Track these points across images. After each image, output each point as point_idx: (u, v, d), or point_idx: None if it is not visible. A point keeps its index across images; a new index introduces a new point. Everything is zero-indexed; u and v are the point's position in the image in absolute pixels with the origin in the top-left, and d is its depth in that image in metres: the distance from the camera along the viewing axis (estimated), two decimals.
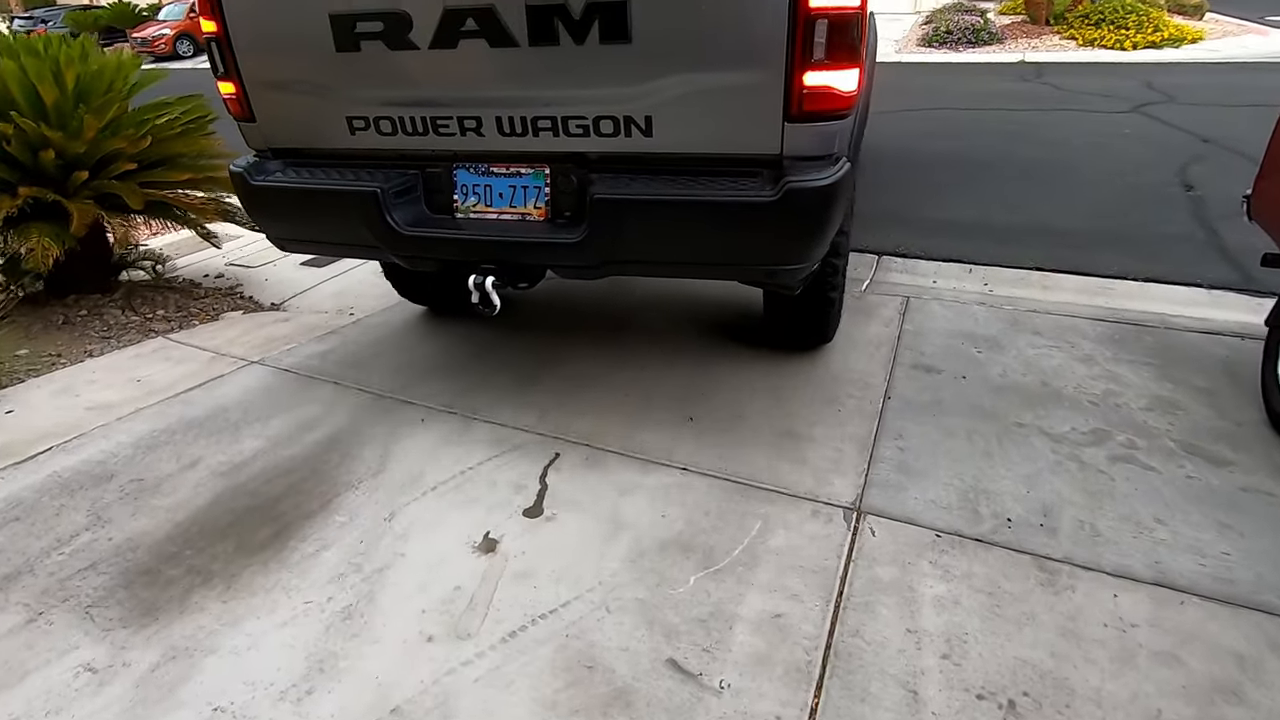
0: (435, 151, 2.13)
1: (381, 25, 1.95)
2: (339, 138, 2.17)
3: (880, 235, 4.66)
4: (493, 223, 2.14)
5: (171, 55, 21.79)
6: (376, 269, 4.45)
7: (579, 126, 1.95)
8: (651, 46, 1.80)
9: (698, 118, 1.88)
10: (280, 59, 2.16)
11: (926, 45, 14.14)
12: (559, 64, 1.89)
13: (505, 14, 1.84)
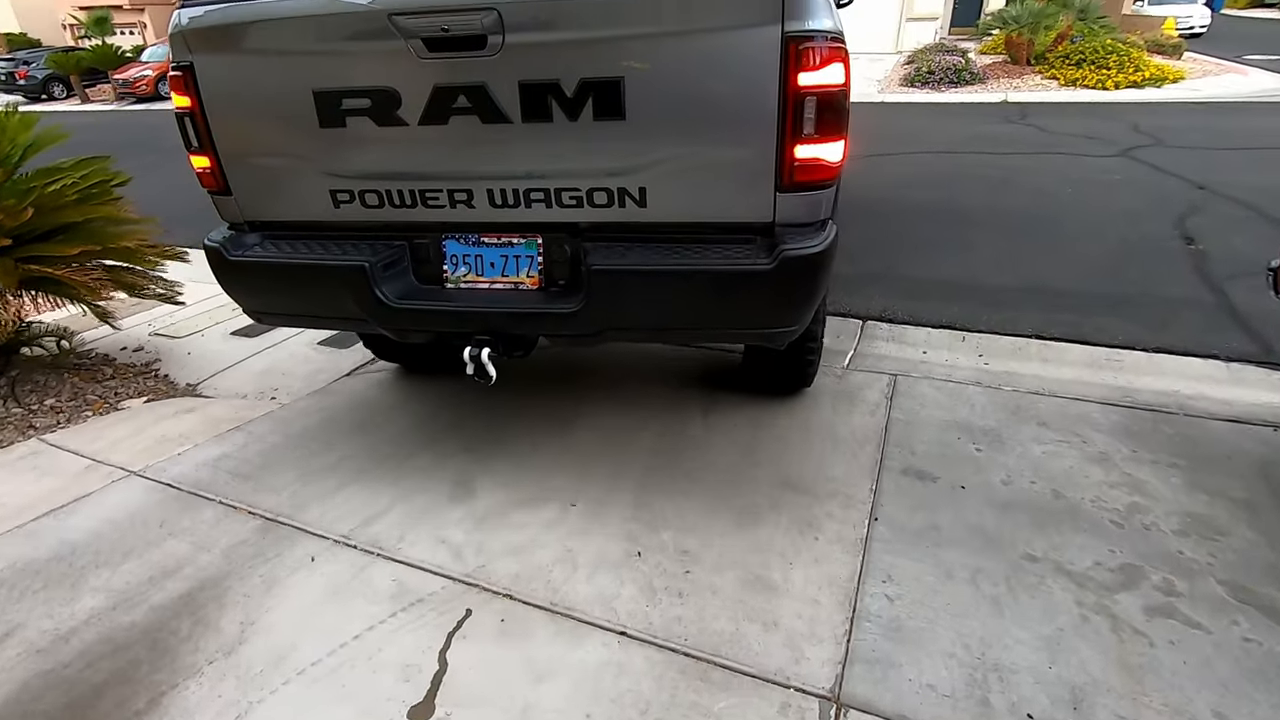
0: (423, 223, 2.10)
1: (368, 102, 1.93)
2: (322, 211, 2.13)
3: (864, 298, 4.29)
4: (485, 292, 2.12)
5: (153, 96, 21.61)
6: (312, 340, 4.07)
7: (572, 198, 1.96)
8: (646, 123, 1.82)
9: (692, 189, 1.90)
10: (260, 135, 2.11)
11: (909, 85, 14.08)
12: (553, 139, 1.89)
13: (497, 91, 1.84)
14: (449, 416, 3.09)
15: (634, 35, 1.76)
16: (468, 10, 1.74)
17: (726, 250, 1.90)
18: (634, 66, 1.76)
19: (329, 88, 1.94)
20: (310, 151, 2.06)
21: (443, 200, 2.03)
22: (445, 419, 3.08)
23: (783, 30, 1.68)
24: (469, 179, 1.99)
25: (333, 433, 3.00)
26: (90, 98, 23.67)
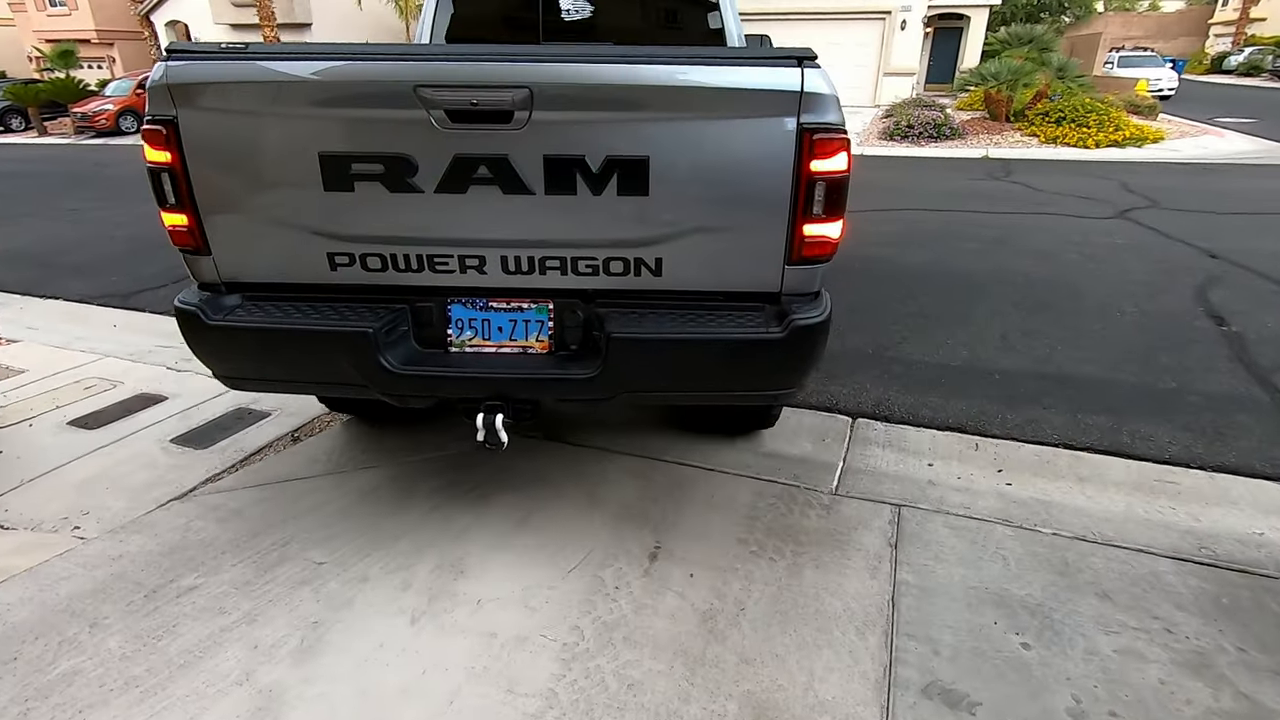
0: (429, 287, 2.04)
1: (381, 168, 1.88)
2: (315, 274, 2.02)
3: (853, 386, 3.57)
4: (492, 357, 2.10)
5: (114, 131, 20.88)
6: (165, 435, 3.23)
7: (588, 266, 1.98)
8: (669, 199, 1.88)
9: (706, 260, 1.97)
10: (252, 196, 1.96)
11: (888, 139, 13.80)
12: (574, 212, 1.90)
13: (521, 164, 1.85)
14: (290, 575, 2.27)
15: (661, 119, 1.82)
16: (500, 87, 1.77)
17: (738, 318, 1.98)
18: (660, 148, 1.83)
19: (337, 151, 1.87)
20: (310, 214, 1.96)
21: (452, 265, 1.99)
22: (286, 576, 2.25)
23: (799, 122, 1.79)
24: (483, 246, 1.97)
25: (100, 609, 2.12)
26: (49, 131, 22.84)
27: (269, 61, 1.84)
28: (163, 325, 4.76)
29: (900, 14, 17.27)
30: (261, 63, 1.84)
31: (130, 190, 10.53)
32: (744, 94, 1.79)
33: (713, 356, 1.98)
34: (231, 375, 2.22)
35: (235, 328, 2.00)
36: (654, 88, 1.79)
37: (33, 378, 3.80)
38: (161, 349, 4.25)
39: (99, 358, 4.08)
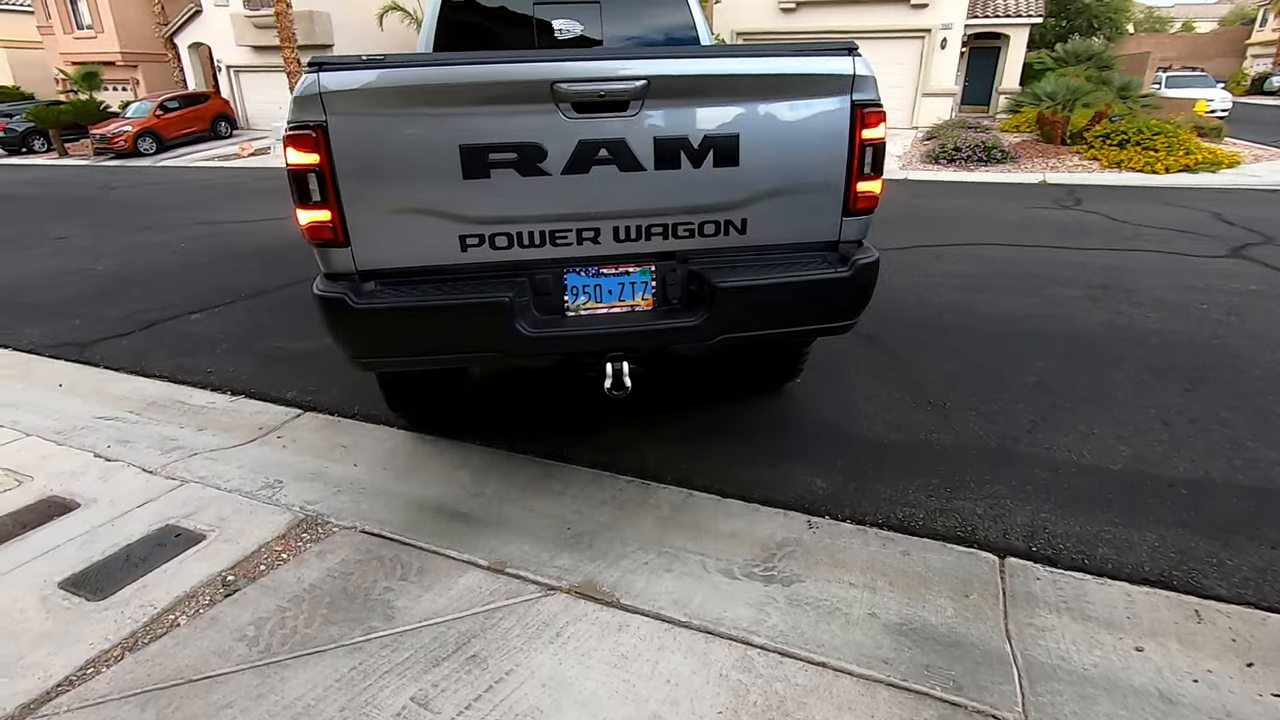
0: (548, 260, 2.27)
1: (515, 155, 2.09)
2: (447, 256, 2.22)
3: (989, 501, 2.64)
4: (604, 317, 2.36)
5: (132, 152, 20.62)
6: (56, 575, 2.35)
7: (686, 230, 2.30)
8: (754, 168, 2.23)
9: (781, 217, 2.34)
10: (395, 188, 2.14)
11: (932, 162, 12.90)
12: (678, 183, 2.21)
13: (635, 145, 2.14)
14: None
15: (749, 101, 2.18)
16: (624, 79, 2.07)
17: (810, 263, 2.38)
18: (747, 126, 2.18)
19: (477, 143, 2.08)
20: (448, 202, 2.15)
21: (570, 239, 2.25)
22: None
23: (851, 99, 2.21)
24: (599, 219, 2.24)
25: None
26: (69, 152, 22.68)
27: (410, 68, 2.06)
28: (113, 386, 3.96)
29: (940, 33, 16.47)
30: (405, 69, 2.04)
31: (129, 216, 9.92)
32: (813, 78, 2.18)
33: (796, 296, 2.34)
34: (367, 355, 2.40)
35: (382, 309, 2.17)
36: (745, 75, 2.17)
37: None
38: (100, 422, 3.43)
39: (17, 437, 3.27)
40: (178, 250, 7.51)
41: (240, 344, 4.57)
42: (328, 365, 4.15)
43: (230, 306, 5.38)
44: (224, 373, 4.11)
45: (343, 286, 2.20)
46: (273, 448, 3.21)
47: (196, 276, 6.34)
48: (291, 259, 6.83)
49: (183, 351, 4.47)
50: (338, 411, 3.57)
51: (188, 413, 3.62)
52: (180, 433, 3.36)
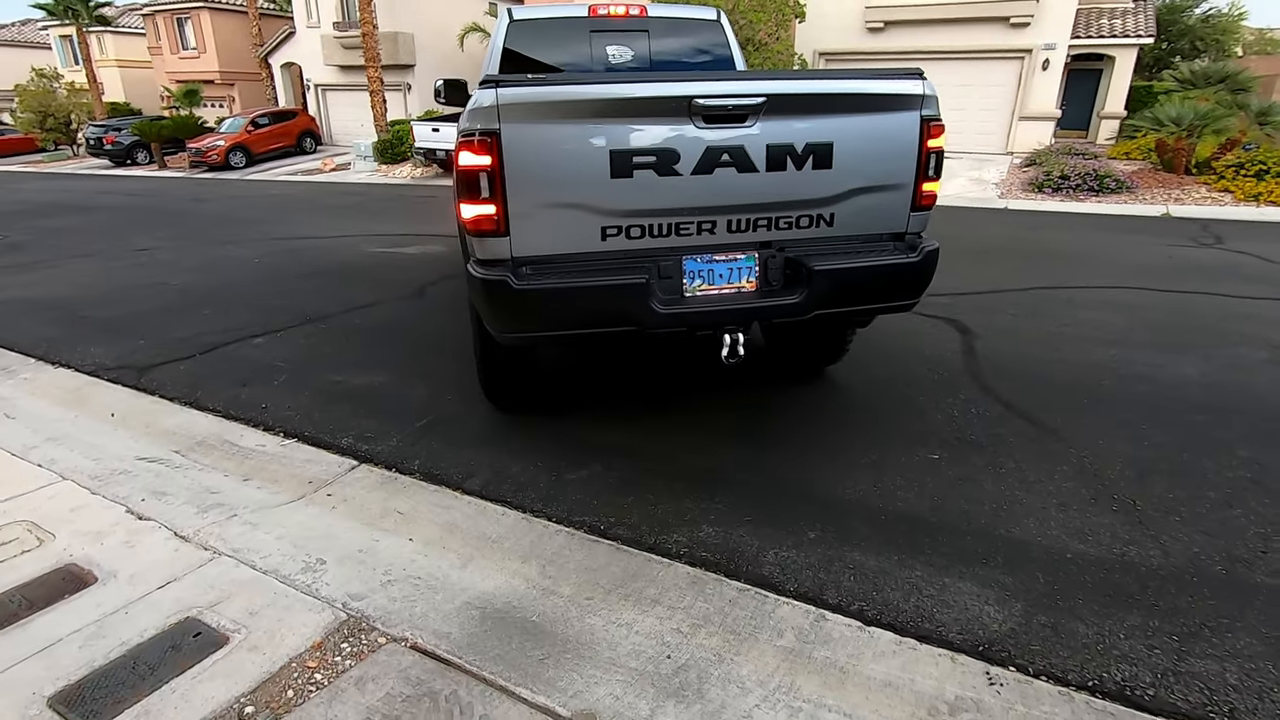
0: (671, 248, 2.67)
1: (655, 158, 2.49)
2: (589, 245, 2.57)
3: (1236, 655, 1.95)
4: (716, 297, 2.75)
5: (224, 166, 21.52)
6: (44, 685, 2.00)
7: (785, 222, 2.72)
8: (844, 171, 2.67)
9: (863, 212, 2.78)
10: (552, 186, 2.48)
11: (1036, 190, 11.90)
12: (784, 183, 2.64)
13: (751, 151, 2.56)
14: None
15: (842, 115, 2.66)
16: (748, 96, 2.50)
17: (885, 250, 2.83)
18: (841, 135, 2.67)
19: (624, 148, 2.47)
20: (596, 198, 2.51)
21: (691, 230, 2.65)
22: None
23: (920, 115, 2.70)
24: (716, 213, 2.64)
25: None
26: (167, 165, 23.87)
27: (573, 86, 2.50)
28: (164, 420, 3.66)
29: (1042, 53, 15.40)
30: (568, 87, 2.48)
31: (212, 229, 10.03)
32: (891, 97, 2.68)
33: (876, 277, 2.81)
34: (519, 330, 2.68)
35: (541, 289, 2.51)
36: (839, 94, 2.68)
37: None
38: (142, 466, 3.10)
39: (53, 480, 2.96)
40: (253, 265, 7.42)
41: (300, 375, 4.25)
42: (388, 406, 3.75)
43: (294, 331, 5.10)
44: (279, 409, 3.76)
45: (502, 270, 2.52)
46: (320, 509, 2.79)
47: (266, 295, 6.15)
48: (357, 280, 6.59)
49: (240, 381, 4.17)
50: (396, 465, 3.14)
51: (235, 457, 3.26)
52: (224, 483, 2.99)
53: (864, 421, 3.50)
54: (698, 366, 4.16)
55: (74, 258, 8.09)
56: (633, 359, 4.34)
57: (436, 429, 3.47)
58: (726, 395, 3.78)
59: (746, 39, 14.74)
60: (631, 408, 3.70)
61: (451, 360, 4.39)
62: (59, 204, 13.76)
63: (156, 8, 29.07)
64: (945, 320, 5.00)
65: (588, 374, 4.22)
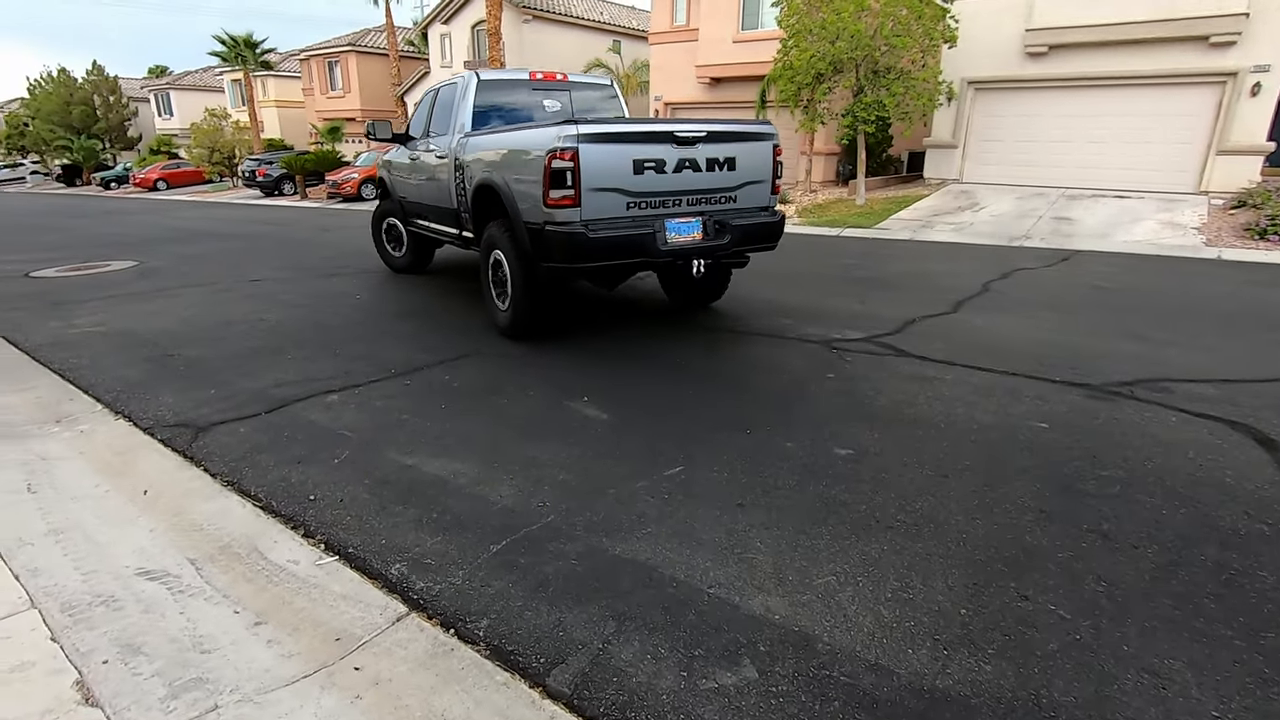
0: (657, 215, 4.65)
1: (654, 163, 4.55)
2: (619, 212, 4.54)
3: None
4: (683, 241, 4.76)
5: (356, 197, 22.53)
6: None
7: (713, 200, 4.88)
8: (741, 172, 4.94)
9: (749, 195, 5.04)
10: (603, 179, 4.42)
11: (1256, 238, 9.75)
12: (714, 178, 4.81)
13: (699, 160, 4.70)
14: None
15: (740, 143, 4.92)
16: (699, 131, 4.65)
17: (764, 215, 5.16)
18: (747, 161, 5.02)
19: (639, 158, 4.51)
20: (625, 184, 4.50)
21: (669, 204, 4.70)
22: None
23: (772, 144, 5.13)
24: (682, 194, 4.73)
25: None
26: (308, 195, 25.41)
27: (615, 123, 4.77)
28: (196, 508, 2.94)
29: (1251, 75, 13.04)
30: (613, 124, 4.71)
31: (327, 260, 9.90)
32: (761, 134, 5.02)
33: (758, 228, 5.06)
34: (583, 261, 4.53)
35: (603, 236, 4.42)
36: (739, 132, 4.93)
37: None
38: (136, 587, 2.34)
39: (16, 608, 2.23)
40: (352, 301, 6.97)
41: (365, 451, 3.46)
42: (461, 512, 2.85)
43: (374, 387, 4.39)
44: (329, 503, 2.95)
45: (575, 228, 4.40)
46: (339, 700, 1.87)
47: (355, 338, 5.56)
48: (454, 323, 5.90)
49: (297, 455, 3.43)
50: (456, 622, 2.19)
51: (256, 579, 2.43)
52: (225, 631, 2.15)
53: (1166, 614, 2.20)
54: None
55: (192, 286, 8.03)
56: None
57: (520, 560, 2.52)
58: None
59: (888, 66, 13.46)
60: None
61: (545, 443, 3.47)
62: (202, 231, 14.50)
63: (311, 53, 31.50)
64: (1230, 425, 3.55)
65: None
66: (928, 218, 12.58)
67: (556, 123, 4.39)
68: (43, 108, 41.10)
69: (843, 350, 4.99)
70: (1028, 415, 3.75)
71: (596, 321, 5.99)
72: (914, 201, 14.12)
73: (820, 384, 4.31)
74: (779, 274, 8.23)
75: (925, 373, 4.48)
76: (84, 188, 38.32)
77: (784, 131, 19.75)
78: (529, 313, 5.09)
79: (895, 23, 13.11)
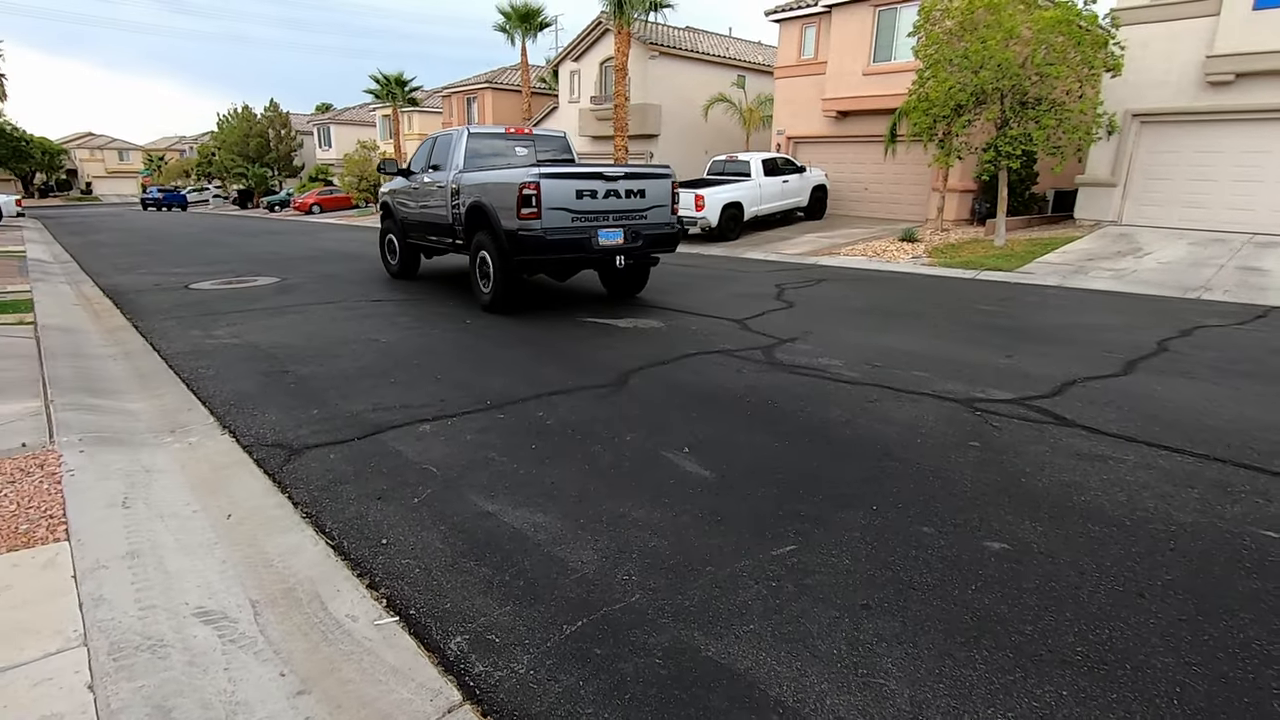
0: (594, 226, 7.05)
1: (591, 192, 7.02)
2: (566, 225, 6.89)
3: None
4: (611, 243, 7.17)
5: None
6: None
7: (630, 217, 7.33)
8: (649, 199, 7.46)
9: (656, 214, 7.52)
10: (556, 200, 6.79)
11: None
12: (630, 203, 7.30)
13: (619, 190, 7.21)
14: None
15: (648, 180, 7.51)
16: (619, 170, 7.36)
17: (668, 228, 7.72)
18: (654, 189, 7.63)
19: (580, 188, 6.97)
20: (570, 206, 6.89)
21: (600, 219, 7.09)
22: None
23: (671, 180, 7.75)
24: (608, 213, 7.15)
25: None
26: None
27: (564, 167, 7.36)
28: (271, 541, 2.81)
29: None
30: (562, 168, 7.24)
31: (441, 283, 10.18)
32: (663, 174, 7.68)
33: (662, 235, 7.63)
34: (540, 255, 6.92)
35: (556, 238, 6.82)
36: (648, 173, 7.58)
37: None
38: (188, 631, 2.16)
39: (66, 645, 2.10)
40: (462, 326, 6.99)
41: (447, 492, 3.23)
42: (537, 576, 2.51)
43: (468, 419, 4.21)
44: (400, 550, 2.72)
45: (538, 232, 6.71)
46: None
47: (458, 365, 5.49)
48: (558, 355, 5.70)
49: (378, 490, 3.26)
50: None
51: (311, 634, 2.20)
52: (266, 694, 1.92)
53: None
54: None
55: (320, 304, 8.42)
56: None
57: (595, 650, 2.13)
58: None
59: (1038, 97, 12.33)
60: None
61: (637, 499, 3.09)
62: (340, 252, 15.52)
63: (453, 89, 33.73)
64: None
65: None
66: (1080, 262, 11.27)
67: (526, 166, 7.63)
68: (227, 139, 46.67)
69: (988, 413, 4.29)
70: (1247, 519, 2.95)
71: (707, 365, 5.59)
72: (1063, 244, 12.76)
73: (963, 453, 3.67)
74: (907, 315, 7.49)
75: (1097, 449, 3.71)
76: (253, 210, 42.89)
77: (914, 167, 18.50)
78: (504, 291, 7.45)
79: (1049, 50, 12.01)
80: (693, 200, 15.32)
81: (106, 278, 11.08)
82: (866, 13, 17.12)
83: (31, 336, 6.17)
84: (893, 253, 13.10)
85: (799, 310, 7.94)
